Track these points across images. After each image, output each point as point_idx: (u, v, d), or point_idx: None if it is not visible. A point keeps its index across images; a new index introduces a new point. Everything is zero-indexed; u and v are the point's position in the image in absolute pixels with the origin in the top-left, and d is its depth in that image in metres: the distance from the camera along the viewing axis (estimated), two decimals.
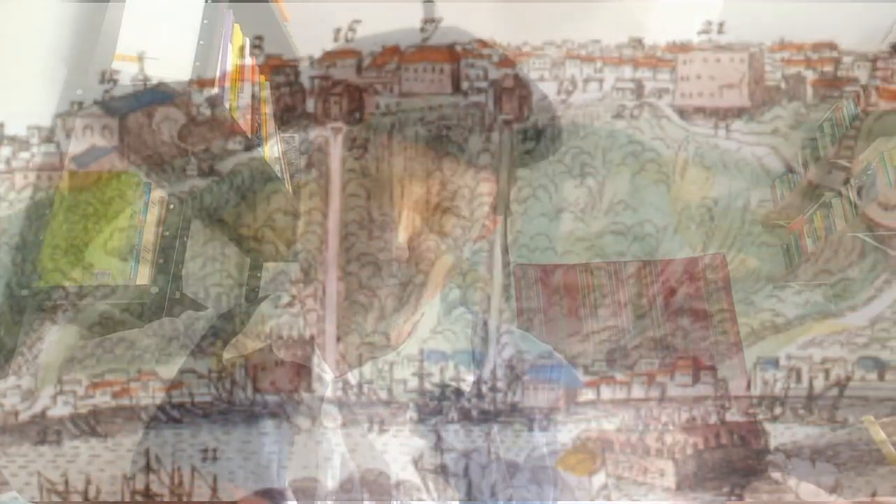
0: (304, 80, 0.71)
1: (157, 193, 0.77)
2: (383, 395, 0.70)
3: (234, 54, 0.90)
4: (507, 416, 0.70)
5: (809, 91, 0.71)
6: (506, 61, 0.71)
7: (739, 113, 0.71)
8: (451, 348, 0.71)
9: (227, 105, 0.77)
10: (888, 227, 0.71)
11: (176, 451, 0.70)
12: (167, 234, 0.68)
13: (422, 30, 0.71)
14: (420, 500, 0.69)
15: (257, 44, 0.70)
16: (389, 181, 0.71)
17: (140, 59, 0.71)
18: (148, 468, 0.70)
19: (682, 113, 0.71)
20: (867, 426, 0.70)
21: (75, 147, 0.72)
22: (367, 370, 0.70)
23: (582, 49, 0.71)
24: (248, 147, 0.70)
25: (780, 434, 0.69)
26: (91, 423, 0.70)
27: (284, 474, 0.70)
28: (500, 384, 0.70)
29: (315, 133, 0.71)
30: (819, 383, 0.69)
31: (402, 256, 0.71)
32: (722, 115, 0.71)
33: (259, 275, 0.70)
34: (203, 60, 0.89)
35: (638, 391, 0.70)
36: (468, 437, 0.70)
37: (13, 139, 0.69)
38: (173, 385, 0.70)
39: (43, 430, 0.70)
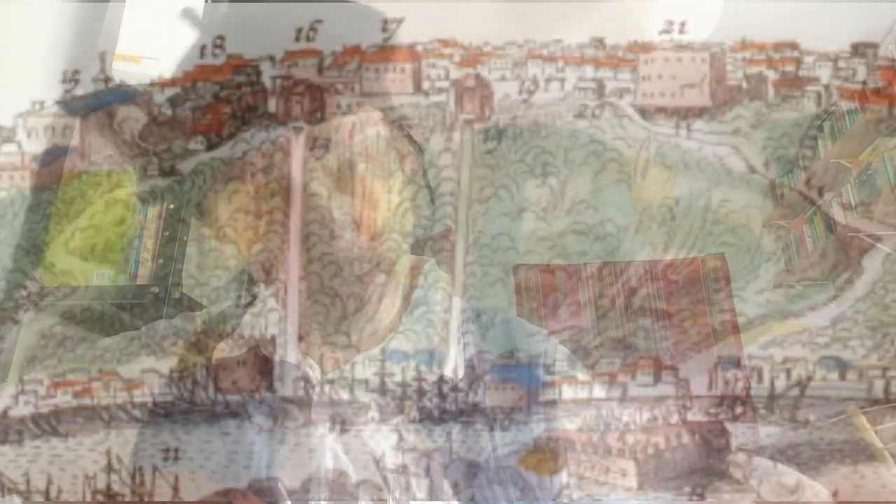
0: (266, 80, 0.71)
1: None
2: (344, 394, 0.70)
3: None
4: (469, 415, 0.70)
5: (771, 91, 0.71)
6: (467, 61, 0.71)
7: (701, 112, 0.71)
8: (412, 348, 0.71)
9: None
10: (850, 227, 0.71)
11: (137, 450, 0.70)
12: (167, 234, 0.68)
13: (383, 30, 0.71)
14: (381, 500, 0.69)
15: (219, 43, 0.70)
16: (351, 181, 0.71)
17: (135, 58, 0.71)
18: (109, 468, 0.70)
19: (643, 112, 0.71)
20: (851, 415, 0.70)
21: (36, 147, 0.72)
22: (328, 369, 0.71)
23: (544, 49, 0.71)
24: (210, 147, 0.70)
25: (742, 434, 0.69)
26: (52, 423, 0.70)
27: (246, 474, 0.70)
28: (461, 384, 0.70)
29: (276, 133, 0.71)
30: (780, 383, 0.69)
31: (363, 256, 0.71)
32: (683, 115, 0.71)
33: (221, 275, 0.70)
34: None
35: (599, 391, 0.70)
36: (429, 437, 0.70)
37: None
38: (135, 385, 0.71)
39: (4, 430, 0.70)
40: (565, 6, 0.71)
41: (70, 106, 0.72)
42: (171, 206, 0.70)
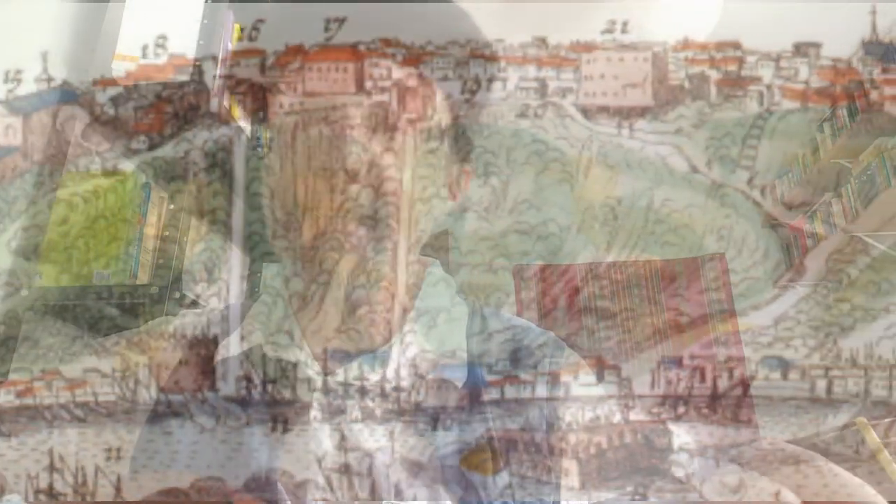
0: (208, 80, 0.71)
1: (157, 193, 0.77)
2: (287, 394, 0.70)
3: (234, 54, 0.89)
4: (411, 415, 0.70)
5: (713, 90, 0.71)
6: (409, 60, 0.71)
7: (643, 112, 0.71)
8: (354, 347, 0.71)
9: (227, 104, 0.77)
10: (791, 226, 0.71)
11: (80, 450, 0.70)
12: (167, 234, 0.68)
13: (326, 29, 0.71)
14: (324, 499, 0.69)
15: (161, 43, 0.71)
16: (293, 180, 0.71)
17: (135, 58, 0.71)
18: (52, 467, 0.70)
19: (585, 112, 0.71)
20: (861, 429, 0.70)
21: None
22: (270, 369, 0.71)
23: (486, 48, 0.71)
24: (152, 147, 0.70)
25: (684, 433, 0.69)
26: None
27: (188, 474, 0.70)
28: (403, 383, 0.70)
29: (219, 132, 0.72)
30: (723, 382, 0.69)
31: (306, 256, 0.71)
32: (625, 115, 0.71)
33: (163, 274, 0.70)
34: (203, 60, 0.89)
35: (542, 390, 0.70)
36: (372, 437, 0.70)
37: None
38: (77, 384, 0.71)
39: None
40: (507, 6, 0.71)
41: (12, 105, 0.72)
42: (171, 207, 0.70)
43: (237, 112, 0.70)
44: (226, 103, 0.70)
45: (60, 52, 0.72)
